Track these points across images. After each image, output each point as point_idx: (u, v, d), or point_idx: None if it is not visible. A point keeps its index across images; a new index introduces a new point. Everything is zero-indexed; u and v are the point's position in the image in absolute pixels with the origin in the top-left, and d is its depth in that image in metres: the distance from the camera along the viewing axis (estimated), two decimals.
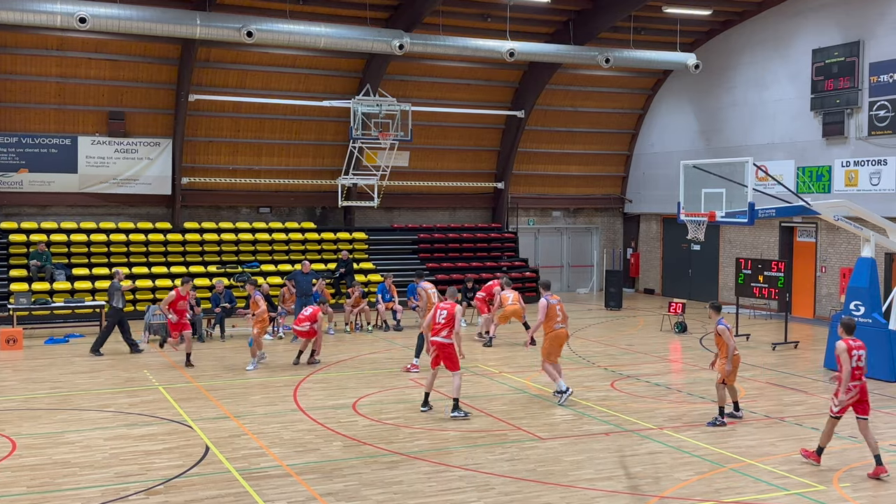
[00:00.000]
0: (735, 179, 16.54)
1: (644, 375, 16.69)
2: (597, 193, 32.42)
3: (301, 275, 21.42)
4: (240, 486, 10.07)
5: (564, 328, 14.48)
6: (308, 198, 28.15)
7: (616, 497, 9.82)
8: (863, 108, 23.13)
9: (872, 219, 17.39)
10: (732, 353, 12.80)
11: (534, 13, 26.07)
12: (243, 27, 21.30)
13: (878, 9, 22.90)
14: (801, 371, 17.31)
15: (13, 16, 19.56)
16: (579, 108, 30.58)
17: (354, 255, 26.90)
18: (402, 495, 9.79)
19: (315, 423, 12.91)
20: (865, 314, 16.74)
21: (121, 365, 17.57)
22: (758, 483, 10.33)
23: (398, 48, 23.12)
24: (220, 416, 13.36)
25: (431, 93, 28.20)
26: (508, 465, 10.91)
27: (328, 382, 15.88)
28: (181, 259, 25.43)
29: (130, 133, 25.50)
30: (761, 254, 26.24)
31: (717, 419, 12.87)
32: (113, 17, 20.18)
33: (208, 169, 26.60)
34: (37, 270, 23.14)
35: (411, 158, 28.61)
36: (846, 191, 23.23)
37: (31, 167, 24.51)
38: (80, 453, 11.34)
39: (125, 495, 9.72)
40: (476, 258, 29.09)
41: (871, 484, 10.34)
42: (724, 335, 12.84)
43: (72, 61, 24.15)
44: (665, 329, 22.69)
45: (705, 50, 28.18)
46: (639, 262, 32.15)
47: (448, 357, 13.36)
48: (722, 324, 12.96)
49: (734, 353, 12.84)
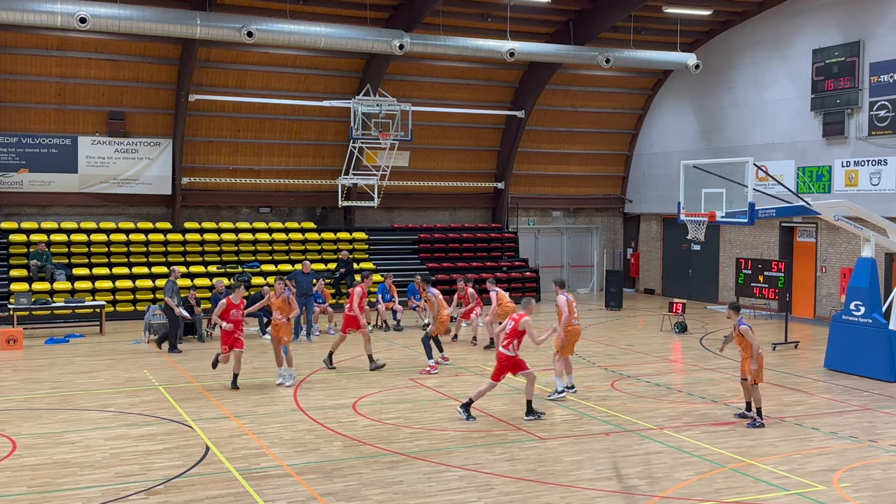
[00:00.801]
0: (735, 179, 16.53)
1: (644, 375, 16.69)
2: (597, 193, 32.42)
3: (301, 275, 21.41)
4: (240, 486, 10.07)
5: (580, 325, 15.22)
6: (308, 198, 28.16)
7: (616, 497, 9.82)
8: (863, 108, 23.13)
9: (872, 219, 17.39)
10: (757, 352, 12.82)
11: (534, 13, 26.07)
12: (243, 27, 21.31)
13: (878, 9, 22.90)
14: (801, 371, 17.30)
15: (13, 16, 19.57)
16: (579, 108, 30.58)
17: (354, 255, 26.90)
18: (402, 495, 9.79)
19: (315, 423, 12.91)
20: (866, 314, 16.74)
21: (121, 365, 17.56)
22: (758, 483, 10.33)
23: (398, 48, 23.12)
24: (220, 416, 13.36)
25: (431, 93, 28.20)
26: (508, 465, 10.91)
27: (328, 382, 15.88)
28: (181, 259, 25.43)
29: (130, 133, 25.51)
30: (761, 254, 26.24)
31: (757, 420, 12.84)
32: (113, 17, 20.20)
33: (208, 169, 26.60)
34: (37, 270, 23.15)
35: (411, 158, 28.61)
36: (846, 191, 23.23)
37: (31, 167, 24.52)
38: (81, 453, 11.34)
39: (125, 495, 9.72)
40: (476, 258, 29.09)
41: (872, 484, 10.33)
42: (746, 335, 12.85)
43: (72, 61, 24.16)
44: (665, 329, 22.69)
45: (705, 50, 28.18)
46: (639, 262, 32.15)
47: (513, 367, 13.13)
48: (744, 324, 12.95)
49: (758, 352, 12.88)
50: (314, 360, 18.03)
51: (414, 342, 19.80)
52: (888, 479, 10.52)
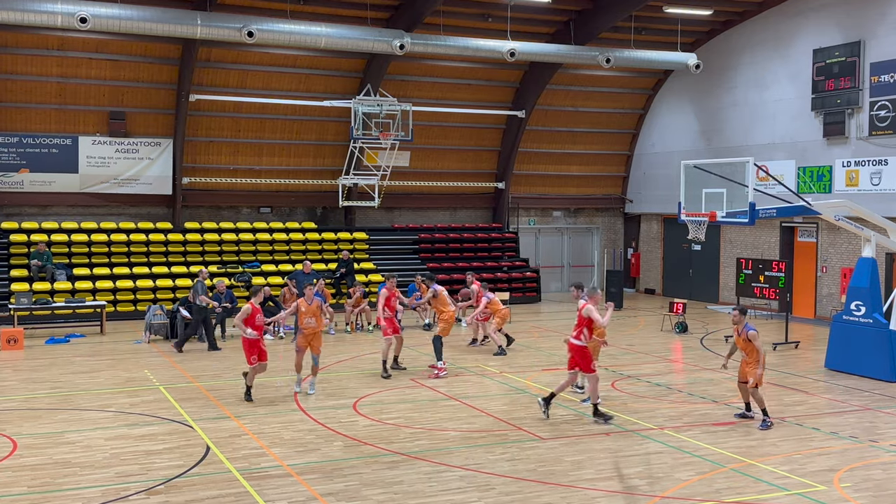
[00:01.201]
0: (736, 179, 16.53)
1: (645, 375, 16.69)
2: (597, 193, 32.42)
3: (302, 275, 21.41)
4: (240, 485, 10.07)
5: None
6: (309, 198, 28.16)
7: (617, 497, 9.82)
8: (863, 108, 23.12)
9: (873, 219, 17.38)
10: (764, 358, 12.86)
11: (534, 13, 26.07)
12: (244, 27, 21.31)
13: (879, 9, 22.89)
14: (801, 371, 17.29)
15: (14, 16, 19.57)
16: (580, 108, 30.57)
17: (355, 255, 26.90)
18: (402, 495, 9.79)
19: (316, 423, 12.91)
20: (866, 314, 16.74)
21: (121, 365, 17.57)
22: (758, 483, 10.32)
23: (399, 48, 23.11)
24: (220, 416, 13.36)
25: (432, 93, 28.20)
26: (509, 465, 10.91)
27: (329, 382, 15.87)
28: (182, 259, 25.44)
29: (131, 133, 25.51)
30: (762, 254, 26.23)
31: (767, 420, 12.84)
32: (114, 17, 20.20)
33: (209, 169, 26.60)
34: (38, 270, 23.15)
35: (412, 158, 28.61)
36: (847, 191, 23.22)
37: (31, 167, 24.52)
38: (81, 453, 11.34)
39: (126, 495, 9.72)
40: (477, 258, 29.08)
41: (872, 484, 10.33)
42: (755, 341, 12.86)
43: (73, 61, 24.16)
44: (666, 329, 22.69)
45: (706, 50, 28.18)
46: (639, 263, 32.14)
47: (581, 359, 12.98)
48: (751, 329, 12.94)
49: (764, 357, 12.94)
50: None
51: (414, 342, 19.81)
52: (889, 480, 10.52)
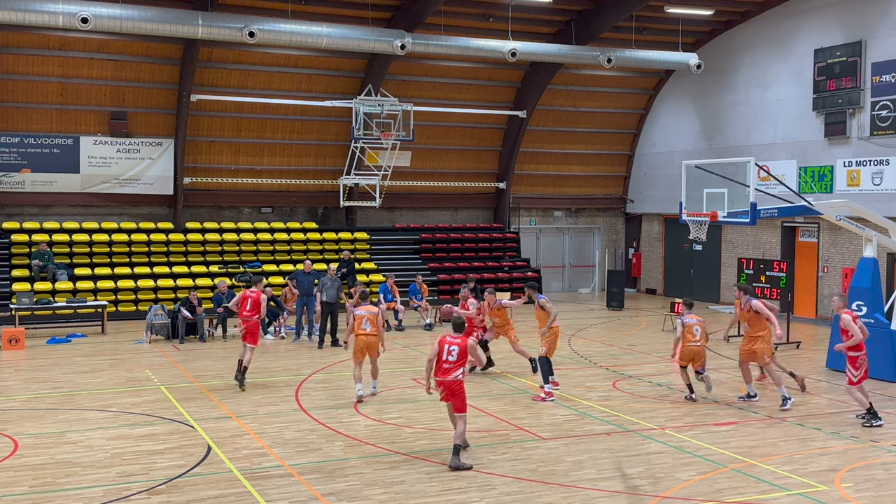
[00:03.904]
0: (737, 179, 16.51)
1: (646, 375, 16.68)
2: (598, 193, 32.41)
3: (303, 274, 21.39)
4: (241, 485, 10.07)
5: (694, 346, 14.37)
6: (310, 198, 28.16)
7: (618, 497, 9.81)
8: (865, 108, 23.11)
9: (874, 219, 17.37)
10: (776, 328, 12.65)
11: (535, 13, 26.07)
12: (245, 27, 21.31)
13: (880, 9, 22.88)
14: (803, 371, 17.22)
15: (15, 16, 19.59)
16: (581, 108, 30.57)
17: (356, 255, 26.90)
18: (403, 495, 9.79)
19: (317, 423, 12.91)
20: (868, 314, 16.71)
21: (122, 365, 17.57)
22: (759, 483, 10.32)
23: (400, 48, 23.12)
24: (221, 415, 13.36)
25: (433, 93, 28.20)
26: (510, 465, 10.91)
27: (329, 383, 15.88)
28: (183, 259, 25.45)
29: (132, 133, 25.52)
30: (763, 254, 26.22)
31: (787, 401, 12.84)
32: (115, 17, 20.21)
33: (210, 169, 26.61)
34: (39, 270, 23.16)
35: (413, 158, 28.60)
36: (848, 191, 23.21)
37: (33, 167, 24.53)
38: (82, 453, 11.34)
39: (127, 495, 9.72)
40: (478, 258, 29.09)
41: (874, 484, 10.32)
42: (762, 310, 12.50)
43: (74, 61, 24.18)
44: (667, 329, 22.67)
45: (707, 50, 28.17)
46: (640, 262, 32.13)
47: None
48: (756, 299, 12.75)
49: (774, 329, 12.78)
50: (315, 360, 18.06)
51: (414, 342, 19.81)
52: (890, 480, 10.51)
